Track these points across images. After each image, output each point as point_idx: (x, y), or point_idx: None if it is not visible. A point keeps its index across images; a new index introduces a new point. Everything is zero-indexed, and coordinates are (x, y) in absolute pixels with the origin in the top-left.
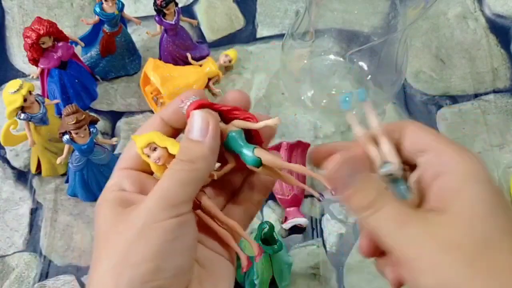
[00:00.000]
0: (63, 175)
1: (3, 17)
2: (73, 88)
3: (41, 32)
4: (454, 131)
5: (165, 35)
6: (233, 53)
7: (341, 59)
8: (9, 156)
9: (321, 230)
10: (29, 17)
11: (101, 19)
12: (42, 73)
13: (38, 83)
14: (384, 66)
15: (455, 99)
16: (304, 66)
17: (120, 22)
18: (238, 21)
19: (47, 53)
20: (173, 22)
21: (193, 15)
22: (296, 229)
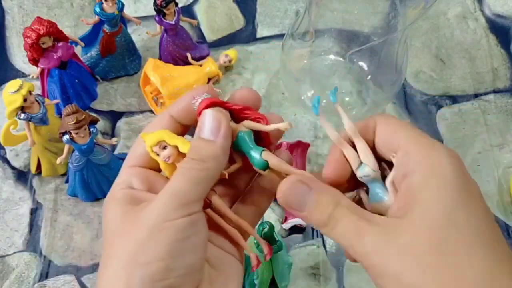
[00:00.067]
0: (63, 175)
1: (3, 17)
2: (73, 88)
3: (41, 32)
4: (454, 131)
5: (165, 35)
6: (233, 53)
7: (341, 59)
8: (9, 156)
9: None
10: (29, 17)
11: (101, 19)
12: (42, 73)
13: (38, 83)
14: (384, 66)
15: (455, 99)
16: (304, 66)
17: (120, 22)
18: (238, 21)
19: (47, 53)
20: (173, 22)
21: (193, 15)
22: (296, 229)
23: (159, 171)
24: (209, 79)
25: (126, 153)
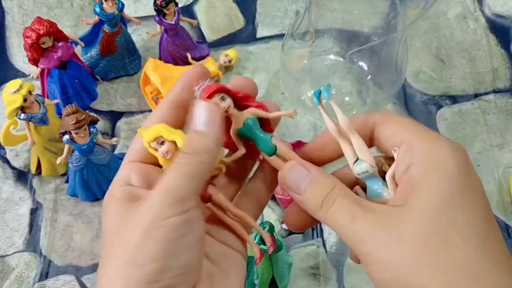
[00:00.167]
0: (63, 175)
1: (3, 17)
2: (73, 88)
3: (41, 32)
4: (454, 131)
5: (165, 35)
6: (233, 53)
7: (341, 59)
8: (9, 156)
9: (321, 230)
10: (29, 17)
11: (101, 19)
12: (42, 73)
13: (38, 83)
14: (384, 66)
15: (455, 99)
16: (304, 66)
17: (120, 22)
18: (238, 21)
19: (47, 53)
20: (173, 22)
21: (193, 15)
22: None
23: (160, 166)
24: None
25: (126, 153)
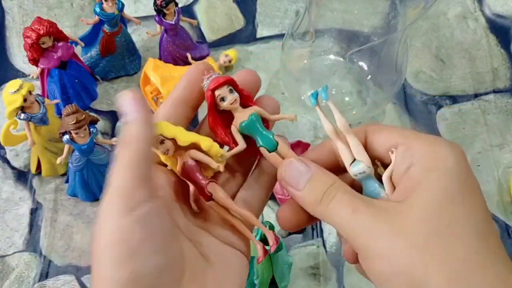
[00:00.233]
0: (63, 175)
1: (3, 17)
2: (73, 88)
3: (41, 32)
4: (454, 131)
5: (165, 35)
6: (233, 53)
7: (341, 59)
8: (9, 156)
9: (321, 230)
10: (29, 17)
11: (101, 19)
12: (42, 73)
13: (38, 83)
14: (384, 66)
15: (455, 99)
16: (304, 66)
17: (120, 22)
18: (238, 21)
19: (47, 53)
20: (173, 22)
21: (193, 15)
22: None
23: (164, 164)
24: None
25: None
